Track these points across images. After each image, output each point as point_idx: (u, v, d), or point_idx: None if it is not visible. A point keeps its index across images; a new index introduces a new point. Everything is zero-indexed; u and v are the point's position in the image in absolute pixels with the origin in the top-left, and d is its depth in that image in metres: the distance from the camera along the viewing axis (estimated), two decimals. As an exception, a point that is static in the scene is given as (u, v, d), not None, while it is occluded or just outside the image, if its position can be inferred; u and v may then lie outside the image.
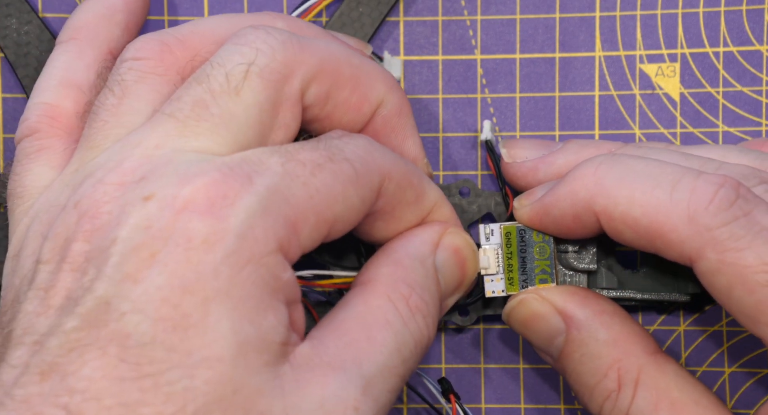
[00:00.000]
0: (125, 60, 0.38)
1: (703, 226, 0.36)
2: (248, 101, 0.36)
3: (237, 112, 0.36)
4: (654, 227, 0.36)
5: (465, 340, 0.45)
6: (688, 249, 0.36)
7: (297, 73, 0.37)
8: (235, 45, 0.37)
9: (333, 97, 0.38)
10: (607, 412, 0.38)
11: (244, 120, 0.36)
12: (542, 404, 0.45)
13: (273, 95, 0.36)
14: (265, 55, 0.36)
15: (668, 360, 0.39)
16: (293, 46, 0.37)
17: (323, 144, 0.36)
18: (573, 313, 0.39)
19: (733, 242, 0.35)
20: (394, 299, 0.37)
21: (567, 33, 0.46)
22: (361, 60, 0.39)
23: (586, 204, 0.38)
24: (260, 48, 0.37)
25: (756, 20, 0.45)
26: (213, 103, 0.36)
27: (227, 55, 0.37)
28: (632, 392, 0.38)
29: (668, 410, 0.38)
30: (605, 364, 0.39)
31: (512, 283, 0.41)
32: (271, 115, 0.37)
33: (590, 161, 0.39)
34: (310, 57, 0.37)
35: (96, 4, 0.43)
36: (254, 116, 0.36)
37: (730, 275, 0.35)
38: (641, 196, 0.37)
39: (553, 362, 0.40)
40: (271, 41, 0.37)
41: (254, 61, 0.36)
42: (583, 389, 0.39)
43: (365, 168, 0.36)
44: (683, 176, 0.37)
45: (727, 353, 0.45)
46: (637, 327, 0.39)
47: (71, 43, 0.42)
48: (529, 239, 0.41)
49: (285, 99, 0.37)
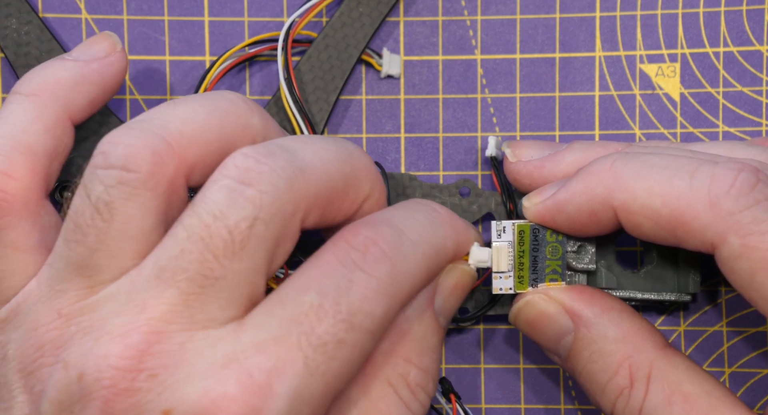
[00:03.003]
0: (111, 166, 0.34)
1: (725, 210, 0.35)
2: (254, 255, 0.34)
3: (243, 269, 0.34)
4: (675, 216, 0.36)
5: (465, 340, 0.45)
6: (710, 235, 0.36)
7: (300, 208, 0.35)
8: (235, 190, 0.34)
9: (328, 213, 0.37)
10: (620, 409, 0.38)
11: (250, 275, 0.34)
12: (543, 404, 0.45)
13: (278, 236, 0.34)
14: (270, 202, 0.34)
15: (678, 354, 0.39)
16: (298, 182, 0.35)
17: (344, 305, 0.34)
18: (581, 311, 0.39)
19: (756, 226, 0.35)
20: (394, 384, 0.37)
21: (567, 33, 0.46)
22: (350, 162, 0.37)
23: (604, 199, 0.38)
24: (265, 190, 0.34)
25: (756, 20, 0.45)
26: (217, 265, 0.33)
27: (229, 203, 0.34)
28: (645, 387, 0.38)
29: (681, 404, 0.37)
30: (616, 361, 0.39)
31: (522, 281, 0.41)
32: (275, 254, 0.35)
33: (605, 158, 0.38)
34: (311, 188, 0.35)
35: (69, 68, 0.40)
36: (260, 265, 0.34)
37: (753, 260, 0.35)
38: (660, 186, 0.37)
39: (562, 362, 0.40)
40: (277, 181, 0.34)
41: (259, 212, 0.34)
42: (594, 388, 0.39)
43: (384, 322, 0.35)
44: (701, 165, 0.37)
45: (727, 353, 0.45)
46: (645, 323, 0.39)
47: (32, 99, 0.38)
48: (542, 239, 0.41)
49: (288, 233, 0.35)
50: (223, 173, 0.34)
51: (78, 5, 0.46)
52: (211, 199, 0.34)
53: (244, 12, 0.46)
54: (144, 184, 0.34)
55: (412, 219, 0.37)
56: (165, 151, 0.35)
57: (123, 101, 0.46)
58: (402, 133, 0.46)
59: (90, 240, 0.34)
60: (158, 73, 0.46)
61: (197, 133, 0.36)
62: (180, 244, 0.34)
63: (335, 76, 0.45)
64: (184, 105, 0.36)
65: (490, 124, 0.46)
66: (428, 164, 0.46)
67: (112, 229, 0.34)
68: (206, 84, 0.45)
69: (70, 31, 0.45)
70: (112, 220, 0.34)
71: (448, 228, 0.38)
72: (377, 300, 0.35)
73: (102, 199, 0.34)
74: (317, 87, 0.45)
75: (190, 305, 0.33)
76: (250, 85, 0.46)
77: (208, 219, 0.34)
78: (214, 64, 0.45)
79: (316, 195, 0.35)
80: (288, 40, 0.44)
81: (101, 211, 0.34)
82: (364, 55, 0.46)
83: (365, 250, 0.35)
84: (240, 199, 0.34)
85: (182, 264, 0.33)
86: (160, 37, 0.46)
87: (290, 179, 0.34)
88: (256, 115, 0.38)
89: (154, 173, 0.34)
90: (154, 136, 0.35)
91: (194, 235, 0.34)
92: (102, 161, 0.35)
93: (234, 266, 0.34)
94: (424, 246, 0.37)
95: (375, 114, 0.46)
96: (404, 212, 0.38)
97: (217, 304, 0.34)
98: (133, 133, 0.35)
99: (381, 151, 0.46)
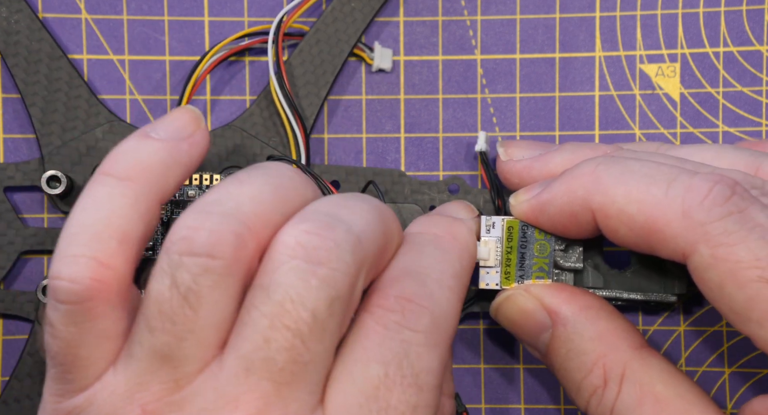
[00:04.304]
0: (197, 254, 0.33)
1: (696, 221, 0.36)
2: (334, 333, 0.33)
3: (325, 349, 0.33)
4: (649, 223, 0.37)
5: (464, 340, 0.45)
6: (681, 244, 0.36)
7: (363, 276, 0.35)
8: (307, 271, 0.33)
9: (377, 272, 0.36)
10: (594, 408, 0.39)
11: (330, 353, 0.34)
12: (542, 405, 0.45)
13: (351, 309, 0.34)
14: (343, 278, 0.33)
15: (653, 354, 0.39)
16: (360, 252, 0.34)
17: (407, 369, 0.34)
18: (558, 309, 0.40)
19: (725, 237, 0.35)
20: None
21: (567, 33, 0.46)
22: (384, 219, 0.37)
23: (583, 202, 0.38)
24: (336, 268, 0.33)
25: (756, 20, 0.45)
26: (305, 350, 0.33)
27: (304, 285, 0.33)
28: (618, 387, 0.38)
29: (653, 405, 0.38)
30: (590, 360, 0.39)
31: (508, 278, 0.41)
32: (348, 320, 0.35)
33: (589, 161, 0.39)
34: (369, 254, 0.35)
35: (159, 150, 0.37)
36: (336, 341, 0.34)
37: (721, 271, 0.35)
38: (637, 193, 0.37)
39: (542, 357, 0.41)
40: (344, 256, 0.33)
41: (336, 290, 0.33)
42: (569, 385, 0.39)
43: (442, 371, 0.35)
44: (679, 174, 0.37)
45: (727, 353, 0.45)
46: (623, 322, 0.39)
47: (127, 184, 0.36)
48: (530, 236, 0.41)
49: (356, 301, 0.35)
50: (289, 254, 0.34)
51: (78, 5, 0.46)
52: (285, 283, 0.33)
53: (244, 12, 0.46)
54: (229, 270, 0.33)
55: (427, 256, 0.37)
56: (246, 235, 0.34)
57: (123, 101, 0.46)
58: (402, 133, 0.46)
59: (177, 329, 0.33)
60: (158, 73, 0.46)
61: (269, 214, 0.35)
62: (263, 333, 0.33)
63: (326, 71, 0.45)
64: (250, 184, 0.35)
65: (490, 124, 0.46)
66: (428, 164, 0.46)
67: (199, 317, 0.33)
68: (195, 77, 0.45)
69: (69, 31, 0.45)
70: (199, 308, 0.33)
71: (458, 248, 0.39)
72: (432, 353, 0.35)
73: (189, 287, 0.33)
74: (308, 81, 0.45)
75: (283, 395, 0.33)
76: (241, 78, 0.46)
77: (288, 305, 0.33)
78: (204, 56, 0.45)
79: (372, 259, 0.35)
80: (279, 34, 0.44)
81: (189, 299, 0.33)
82: (356, 50, 0.46)
83: (402, 309, 0.35)
84: (314, 281, 0.33)
85: (271, 354, 0.33)
86: (160, 37, 0.46)
87: (354, 251, 0.34)
88: (310, 189, 0.37)
89: (238, 259, 0.33)
90: (236, 221, 0.34)
91: (276, 322, 0.33)
92: (186, 248, 0.33)
93: (318, 348, 0.33)
94: (449, 280, 0.37)
95: (375, 114, 0.46)
96: (416, 253, 0.37)
97: (307, 389, 0.33)
98: (214, 219, 0.34)
99: (381, 151, 0.46)
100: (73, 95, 0.45)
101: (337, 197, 0.36)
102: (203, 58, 0.45)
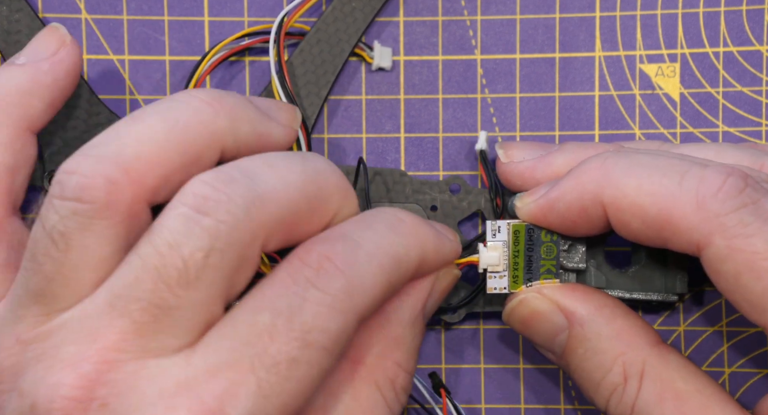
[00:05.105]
0: (66, 198, 0.34)
1: (712, 212, 0.36)
2: (210, 285, 0.33)
3: (198, 298, 0.33)
4: (662, 215, 0.36)
5: (464, 340, 0.45)
6: (696, 236, 0.36)
7: (259, 236, 0.34)
8: (192, 219, 0.33)
9: (293, 235, 0.36)
10: (614, 406, 0.39)
11: (205, 304, 0.34)
12: (543, 404, 0.45)
13: (235, 265, 0.34)
14: (227, 231, 0.33)
15: (671, 351, 0.39)
16: (256, 211, 0.34)
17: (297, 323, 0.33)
18: (575, 309, 0.39)
19: (741, 228, 0.35)
20: (382, 386, 0.37)
21: (567, 33, 0.46)
22: (316, 182, 0.36)
23: (594, 196, 0.38)
24: (222, 220, 0.33)
25: (756, 20, 0.45)
26: (170, 295, 0.33)
27: (184, 232, 0.33)
28: (638, 384, 0.38)
29: (673, 401, 0.38)
30: (609, 358, 0.39)
31: (516, 281, 0.41)
32: (234, 281, 0.34)
33: (597, 156, 0.39)
34: (271, 215, 0.34)
35: (19, 75, 0.38)
36: (217, 294, 0.34)
37: (738, 262, 0.35)
38: (650, 185, 0.37)
39: (556, 359, 0.40)
40: (234, 210, 0.33)
41: (216, 242, 0.33)
42: (588, 385, 0.39)
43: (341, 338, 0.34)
44: (691, 167, 0.37)
45: (727, 353, 0.45)
46: (638, 320, 0.39)
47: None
48: (537, 238, 0.41)
49: (247, 260, 0.34)
50: (180, 201, 0.34)
51: (78, 5, 0.46)
52: (167, 228, 0.33)
53: (244, 12, 0.46)
54: (99, 214, 0.33)
55: (371, 230, 0.37)
56: (121, 179, 0.34)
57: (123, 101, 0.46)
58: (402, 133, 0.46)
59: (46, 269, 0.34)
60: (158, 73, 0.46)
61: (156, 154, 0.35)
62: (134, 272, 0.33)
63: (327, 70, 0.45)
64: (142, 121, 0.35)
65: (490, 124, 0.46)
66: (428, 164, 0.46)
67: (68, 258, 0.34)
68: (197, 77, 0.45)
69: (69, 31, 0.45)
70: (67, 250, 0.34)
71: (411, 237, 0.38)
72: (332, 316, 0.34)
73: (57, 229, 0.34)
74: (309, 81, 0.45)
75: (142, 334, 0.33)
76: (241, 78, 0.46)
77: (163, 248, 0.33)
78: (205, 56, 0.45)
79: (277, 221, 0.35)
80: (280, 34, 0.44)
81: (56, 241, 0.34)
82: (356, 49, 0.46)
83: (318, 266, 0.34)
84: (196, 229, 0.33)
85: (136, 293, 0.33)
86: (160, 37, 0.46)
87: (248, 208, 0.34)
88: (221, 117, 0.37)
89: (109, 203, 0.34)
90: (110, 164, 0.34)
91: (148, 264, 0.33)
92: (58, 192, 0.34)
93: (189, 296, 0.33)
94: (383, 257, 0.36)
95: (375, 114, 0.46)
96: (363, 223, 0.37)
97: (170, 332, 0.33)
98: (88, 162, 0.34)
99: (381, 151, 0.46)
100: (73, 95, 0.45)
101: (272, 155, 0.36)
102: (204, 58, 0.45)
